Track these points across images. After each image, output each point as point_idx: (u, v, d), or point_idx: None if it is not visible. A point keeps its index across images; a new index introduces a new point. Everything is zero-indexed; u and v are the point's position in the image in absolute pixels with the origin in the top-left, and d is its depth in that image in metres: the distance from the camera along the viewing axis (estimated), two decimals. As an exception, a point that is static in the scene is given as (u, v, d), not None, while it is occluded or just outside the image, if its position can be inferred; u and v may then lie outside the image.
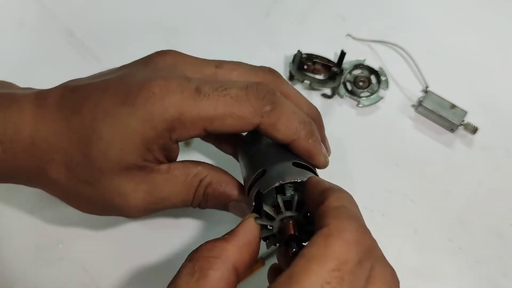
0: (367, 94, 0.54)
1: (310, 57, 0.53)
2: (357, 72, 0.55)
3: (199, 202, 0.39)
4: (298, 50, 0.52)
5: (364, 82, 0.55)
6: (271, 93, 0.36)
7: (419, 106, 0.53)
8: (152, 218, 0.49)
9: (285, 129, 0.36)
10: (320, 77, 0.54)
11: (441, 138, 0.53)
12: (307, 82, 0.53)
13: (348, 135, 0.53)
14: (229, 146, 0.45)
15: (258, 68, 0.40)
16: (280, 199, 0.32)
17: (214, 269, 0.29)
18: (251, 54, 0.54)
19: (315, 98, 0.54)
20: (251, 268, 0.39)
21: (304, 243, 0.32)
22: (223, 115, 0.35)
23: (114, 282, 0.47)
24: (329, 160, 0.39)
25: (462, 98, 0.53)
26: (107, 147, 0.35)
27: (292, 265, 0.27)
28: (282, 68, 0.55)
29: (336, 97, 0.54)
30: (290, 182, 0.33)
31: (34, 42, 0.55)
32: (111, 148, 0.35)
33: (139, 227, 0.49)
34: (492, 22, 0.58)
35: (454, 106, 0.52)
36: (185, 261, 0.30)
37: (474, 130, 0.52)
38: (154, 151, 0.36)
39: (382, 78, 0.54)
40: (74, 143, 0.36)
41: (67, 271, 0.47)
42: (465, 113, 0.52)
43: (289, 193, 0.33)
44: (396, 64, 0.55)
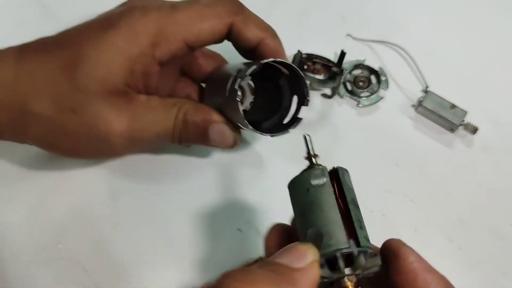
0: (367, 94, 0.54)
1: (310, 57, 0.53)
2: (357, 72, 0.55)
3: (180, 131, 0.40)
4: (298, 50, 0.52)
5: (364, 82, 0.55)
6: (237, 1, 0.41)
7: (419, 106, 0.53)
8: (152, 218, 0.49)
9: (255, 27, 0.40)
10: (320, 77, 0.54)
11: (441, 138, 0.53)
12: (307, 82, 0.53)
13: (348, 135, 0.53)
14: None
15: None
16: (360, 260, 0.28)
17: None
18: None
19: (315, 98, 0.54)
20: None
21: None
22: (199, 20, 0.38)
23: (114, 282, 0.47)
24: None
25: (462, 98, 0.53)
26: (93, 67, 0.36)
27: None
28: (282, 68, 0.55)
29: (336, 97, 0.54)
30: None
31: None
32: (97, 67, 0.36)
33: (139, 227, 0.49)
34: (492, 22, 0.58)
35: (454, 106, 0.52)
36: None
37: (474, 130, 0.52)
38: (136, 73, 0.38)
39: (382, 78, 0.54)
40: (59, 71, 0.37)
41: (67, 271, 0.47)
42: (465, 113, 0.52)
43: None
44: (396, 64, 0.55)
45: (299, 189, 0.30)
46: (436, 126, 0.53)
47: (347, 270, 0.28)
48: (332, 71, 0.53)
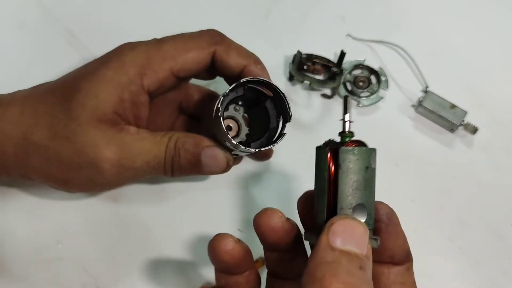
0: (367, 94, 0.54)
1: (310, 57, 0.53)
2: (357, 72, 0.55)
3: (172, 160, 0.41)
4: (298, 50, 0.52)
5: (364, 82, 0.55)
6: (218, 32, 0.43)
7: (419, 106, 0.53)
8: (151, 218, 0.49)
9: (236, 55, 0.42)
10: (320, 77, 0.54)
11: (441, 138, 0.53)
12: (307, 82, 0.53)
13: (348, 135, 0.53)
14: None
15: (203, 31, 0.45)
16: None
17: None
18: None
19: (315, 98, 0.54)
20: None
21: None
22: (183, 50, 0.41)
23: (114, 282, 0.47)
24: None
25: (462, 98, 0.53)
26: (85, 97, 0.39)
27: None
28: (282, 68, 0.55)
29: (336, 97, 0.54)
30: None
31: (34, 42, 0.55)
32: (88, 97, 0.39)
33: (139, 227, 0.49)
34: (492, 22, 0.58)
35: (454, 106, 0.52)
36: None
37: (474, 130, 0.52)
38: (125, 102, 0.40)
39: (382, 78, 0.54)
40: (57, 104, 0.40)
41: (67, 271, 0.47)
42: (465, 113, 0.52)
43: None
44: (396, 64, 0.55)
45: (318, 159, 0.33)
46: (436, 126, 0.53)
47: None
48: (332, 71, 0.53)
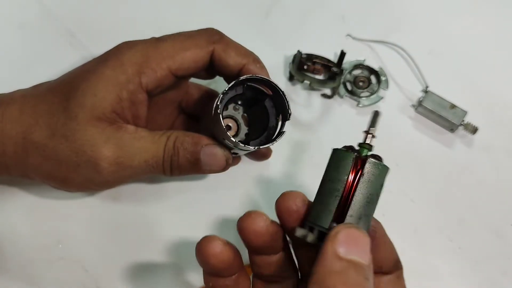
0: (367, 94, 0.54)
1: (310, 57, 0.53)
2: (357, 72, 0.55)
3: (171, 159, 0.41)
4: (298, 50, 0.52)
5: (364, 82, 0.55)
6: (216, 30, 0.43)
7: (419, 106, 0.53)
8: (151, 218, 0.49)
9: (235, 53, 0.42)
10: (320, 77, 0.54)
11: (441, 138, 0.53)
12: (307, 82, 0.53)
13: (348, 135, 0.53)
14: None
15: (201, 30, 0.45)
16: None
17: None
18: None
19: (315, 98, 0.54)
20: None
21: None
22: (181, 49, 0.41)
23: (114, 282, 0.47)
24: None
25: (462, 98, 0.53)
26: (83, 96, 0.39)
27: None
28: (282, 68, 0.55)
29: (336, 97, 0.54)
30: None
31: (34, 42, 0.55)
32: (87, 96, 0.39)
33: (139, 227, 0.49)
34: (492, 22, 0.58)
35: (454, 106, 0.52)
36: None
37: (474, 130, 0.52)
38: (124, 101, 0.40)
39: (382, 78, 0.54)
40: (57, 103, 0.40)
41: (67, 271, 0.47)
42: (465, 113, 0.52)
43: None
44: (396, 64, 0.55)
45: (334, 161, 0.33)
46: (436, 126, 0.53)
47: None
48: (332, 71, 0.53)
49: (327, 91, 0.54)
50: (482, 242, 0.49)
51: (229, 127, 0.44)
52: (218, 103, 0.38)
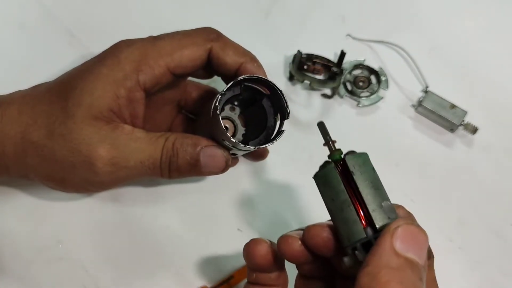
0: (367, 94, 0.54)
1: (310, 57, 0.53)
2: (357, 72, 0.55)
3: (170, 161, 0.40)
4: (298, 50, 0.52)
5: (364, 82, 0.55)
6: (214, 29, 0.43)
7: (419, 106, 0.53)
8: (151, 218, 0.49)
9: (233, 52, 0.42)
10: (320, 77, 0.54)
11: (441, 138, 0.53)
12: (307, 82, 0.53)
13: (348, 135, 0.53)
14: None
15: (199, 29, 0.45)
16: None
17: None
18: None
19: (315, 98, 0.54)
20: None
21: None
22: (179, 47, 0.41)
23: (114, 282, 0.47)
24: None
25: (462, 98, 0.53)
26: (81, 95, 0.39)
27: None
28: (282, 68, 0.55)
29: (336, 97, 0.54)
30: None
31: (34, 42, 0.55)
32: (84, 94, 0.39)
33: (139, 227, 0.49)
34: (492, 22, 0.58)
35: (454, 106, 0.52)
36: None
37: (474, 130, 0.52)
38: (121, 99, 0.40)
39: (382, 78, 0.54)
40: (55, 103, 0.40)
41: (67, 271, 0.47)
42: (465, 113, 0.52)
43: None
44: (396, 64, 0.55)
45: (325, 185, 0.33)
46: (436, 126, 0.53)
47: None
48: (332, 71, 0.53)
49: (327, 91, 0.54)
50: (482, 242, 0.49)
51: (226, 128, 0.43)
52: (217, 104, 0.38)
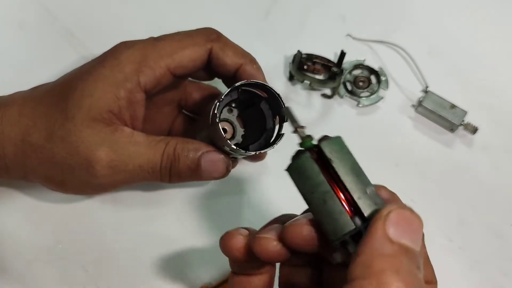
0: (367, 94, 0.54)
1: (310, 57, 0.53)
2: (357, 72, 0.55)
3: (171, 166, 0.40)
4: (298, 50, 0.52)
5: (364, 82, 0.55)
6: (214, 29, 0.43)
7: (419, 106, 0.53)
8: (152, 218, 0.49)
9: (233, 53, 0.42)
10: (320, 77, 0.54)
11: (441, 138, 0.53)
12: (307, 82, 0.53)
13: (348, 135, 0.52)
14: None
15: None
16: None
17: None
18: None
19: (315, 98, 0.54)
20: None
21: None
22: (180, 48, 0.41)
23: (114, 282, 0.47)
24: None
25: (462, 98, 0.53)
26: (80, 96, 0.39)
27: None
28: (282, 68, 0.55)
29: (336, 97, 0.54)
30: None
31: (34, 42, 0.55)
32: (84, 96, 0.39)
33: (139, 227, 0.49)
34: (492, 22, 0.58)
35: (454, 106, 0.52)
36: None
37: (474, 130, 0.52)
38: (121, 100, 0.39)
39: (382, 78, 0.54)
40: (55, 105, 0.40)
41: (67, 271, 0.47)
42: (465, 113, 0.52)
43: None
44: (396, 64, 0.55)
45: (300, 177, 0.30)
46: (436, 126, 0.53)
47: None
48: (332, 71, 0.53)
49: (327, 91, 0.54)
50: (482, 242, 0.49)
51: (225, 130, 0.43)
52: (215, 111, 0.38)
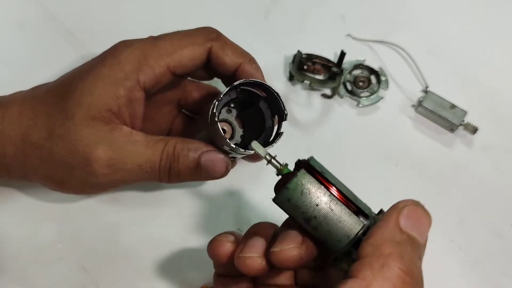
0: (367, 94, 0.54)
1: (310, 57, 0.53)
2: (357, 72, 0.55)
3: (170, 165, 0.40)
4: (298, 50, 0.52)
5: (364, 82, 0.55)
6: (214, 29, 0.43)
7: (419, 106, 0.53)
8: (152, 218, 0.49)
9: (232, 52, 0.42)
10: (320, 77, 0.54)
11: (441, 138, 0.53)
12: (307, 82, 0.53)
13: (348, 135, 0.53)
14: None
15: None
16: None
17: None
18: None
19: (315, 98, 0.54)
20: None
21: None
22: (180, 47, 0.41)
23: (114, 282, 0.47)
24: None
25: (462, 98, 0.53)
26: (80, 95, 0.39)
27: None
28: (282, 68, 0.55)
29: (336, 97, 0.54)
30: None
31: (34, 42, 0.55)
32: (83, 95, 0.39)
33: (140, 227, 0.49)
34: (492, 22, 0.58)
35: (454, 106, 0.52)
36: None
37: (474, 130, 0.52)
38: (120, 98, 0.39)
39: (382, 78, 0.54)
40: (55, 104, 0.40)
41: (67, 271, 0.47)
42: (465, 113, 0.52)
43: None
44: (396, 64, 0.55)
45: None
46: (436, 126, 0.53)
47: None
48: (332, 71, 0.53)
49: (327, 91, 0.54)
50: (482, 242, 0.49)
51: (224, 131, 0.43)
52: (214, 111, 0.38)
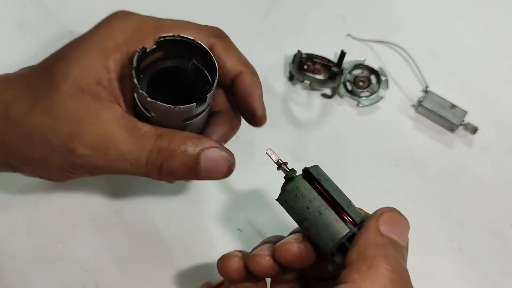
0: (367, 94, 0.54)
1: (310, 57, 0.53)
2: (357, 72, 0.55)
3: (162, 160, 0.35)
4: (298, 50, 0.52)
5: (364, 82, 0.55)
6: (222, 30, 0.39)
7: (419, 106, 0.53)
8: (152, 218, 0.49)
9: (236, 58, 0.38)
10: (320, 77, 0.54)
11: (441, 138, 0.53)
12: (307, 82, 0.53)
13: (348, 135, 0.53)
14: None
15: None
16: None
17: None
18: (251, 55, 0.54)
19: (315, 98, 0.54)
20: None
21: None
22: (183, 29, 0.37)
23: (114, 282, 0.47)
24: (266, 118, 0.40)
25: (462, 98, 0.53)
26: (68, 65, 0.36)
27: None
28: (282, 68, 0.55)
29: (336, 97, 0.54)
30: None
31: (34, 43, 0.55)
32: (71, 65, 0.36)
33: (140, 227, 0.49)
34: (492, 22, 0.58)
35: (454, 106, 0.52)
36: None
37: (474, 130, 0.52)
38: (110, 72, 0.36)
39: (382, 78, 0.54)
40: (39, 75, 0.37)
41: (67, 271, 0.47)
42: (465, 113, 0.52)
43: None
44: (396, 64, 0.55)
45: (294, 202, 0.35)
46: (436, 126, 0.53)
47: None
48: (332, 71, 0.53)
49: (327, 91, 0.54)
50: (482, 242, 0.49)
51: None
52: (133, 61, 0.34)
